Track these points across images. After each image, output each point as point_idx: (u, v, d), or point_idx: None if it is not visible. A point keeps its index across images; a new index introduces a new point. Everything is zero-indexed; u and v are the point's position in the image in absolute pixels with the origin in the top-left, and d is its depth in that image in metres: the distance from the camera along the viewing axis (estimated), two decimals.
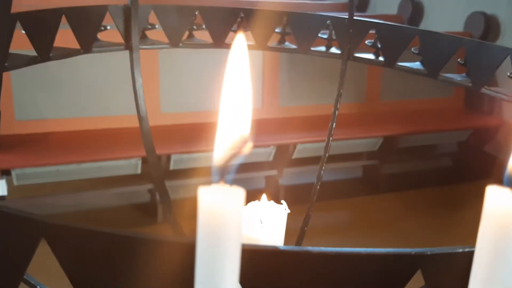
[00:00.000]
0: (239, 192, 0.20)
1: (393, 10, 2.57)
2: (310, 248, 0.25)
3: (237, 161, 0.22)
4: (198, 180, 1.70)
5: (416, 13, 2.46)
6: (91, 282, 0.26)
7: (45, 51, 0.77)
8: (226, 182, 0.21)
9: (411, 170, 2.32)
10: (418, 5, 2.47)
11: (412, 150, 2.36)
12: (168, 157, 1.74)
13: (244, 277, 0.23)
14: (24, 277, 0.27)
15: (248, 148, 0.22)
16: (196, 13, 0.91)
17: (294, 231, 1.06)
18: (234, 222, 0.21)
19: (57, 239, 0.25)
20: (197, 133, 1.71)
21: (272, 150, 2.00)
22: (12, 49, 0.72)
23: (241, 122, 0.22)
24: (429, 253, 0.25)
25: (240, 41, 0.22)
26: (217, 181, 0.21)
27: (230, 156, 0.21)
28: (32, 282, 0.42)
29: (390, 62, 0.79)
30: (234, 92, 0.22)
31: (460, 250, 0.25)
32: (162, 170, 1.57)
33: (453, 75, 0.70)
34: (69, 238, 0.25)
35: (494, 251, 0.21)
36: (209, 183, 0.21)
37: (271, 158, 2.02)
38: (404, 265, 0.26)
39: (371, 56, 0.84)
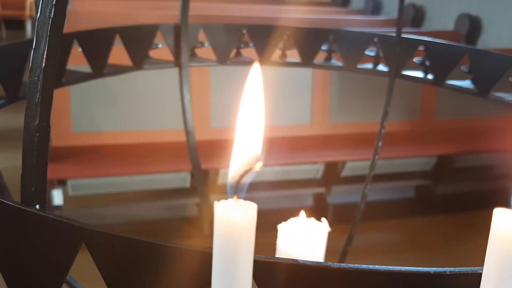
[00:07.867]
0: (251, 206, 0.22)
1: (450, 26, 2.49)
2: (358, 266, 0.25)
3: (249, 178, 0.23)
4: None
5: (474, 28, 2.38)
6: (126, 286, 0.28)
7: (100, 67, 0.81)
8: (240, 196, 0.23)
9: (467, 191, 2.22)
10: (475, 20, 2.39)
11: (468, 171, 2.26)
12: (217, 172, 1.77)
13: None
14: (67, 278, 0.30)
15: (259, 166, 0.23)
16: (244, 31, 0.93)
17: (339, 251, 1.04)
18: (247, 233, 0.22)
19: (95, 244, 0.27)
20: None
21: (320, 167, 1.98)
22: (70, 65, 0.76)
23: (253, 141, 0.24)
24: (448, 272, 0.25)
25: (256, 69, 0.25)
26: (232, 196, 0.23)
27: (243, 173, 0.23)
28: (74, 284, 0.44)
29: (439, 81, 0.77)
30: (250, 113, 0.24)
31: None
32: (207, 184, 1.59)
33: (505, 94, 0.67)
34: (106, 244, 0.27)
35: (501, 271, 0.21)
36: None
37: (319, 176, 2.00)
38: None
39: (419, 74, 0.82)
